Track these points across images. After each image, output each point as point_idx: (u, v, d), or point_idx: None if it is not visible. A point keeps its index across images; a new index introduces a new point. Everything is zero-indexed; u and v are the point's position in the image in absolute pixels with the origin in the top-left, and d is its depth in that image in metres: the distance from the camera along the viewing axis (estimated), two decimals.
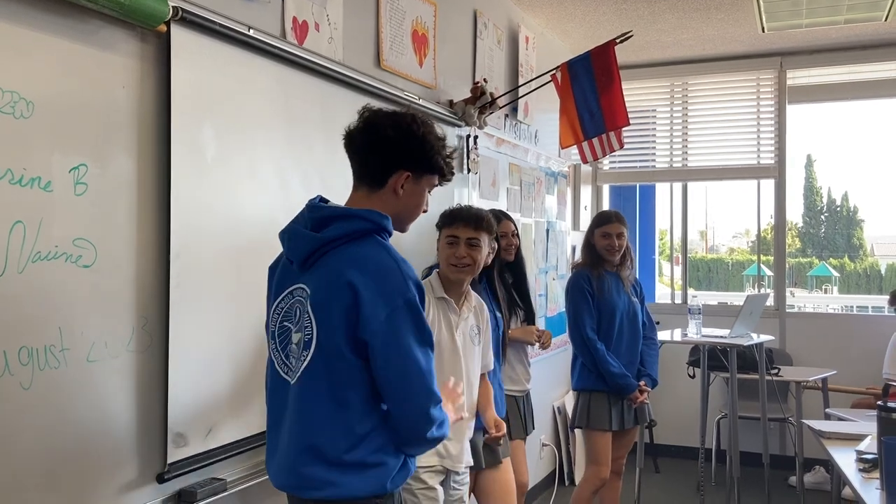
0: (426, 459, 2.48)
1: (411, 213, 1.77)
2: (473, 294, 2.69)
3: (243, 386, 2.22)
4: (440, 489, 2.53)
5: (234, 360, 2.18)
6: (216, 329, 2.12)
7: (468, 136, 3.67)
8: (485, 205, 3.80)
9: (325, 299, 1.60)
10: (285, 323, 1.68)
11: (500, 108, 3.84)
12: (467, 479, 2.67)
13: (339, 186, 2.65)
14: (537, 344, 3.46)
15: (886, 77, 5.49)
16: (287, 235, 1.74)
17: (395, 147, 1.69)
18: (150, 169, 1.93)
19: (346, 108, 2.71)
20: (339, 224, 1.65)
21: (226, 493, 2.12)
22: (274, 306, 1.73)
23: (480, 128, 3.69)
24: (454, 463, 2.55)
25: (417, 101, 3.15)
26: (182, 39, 1.99)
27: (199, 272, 2.05)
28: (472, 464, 2.66)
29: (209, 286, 2.09)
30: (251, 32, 2.21)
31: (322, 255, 1.64)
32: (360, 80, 2.75)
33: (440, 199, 3.35)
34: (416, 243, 2.85)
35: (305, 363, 1.62)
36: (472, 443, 2.85)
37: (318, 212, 1.69)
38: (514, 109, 4.35)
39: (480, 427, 2.88)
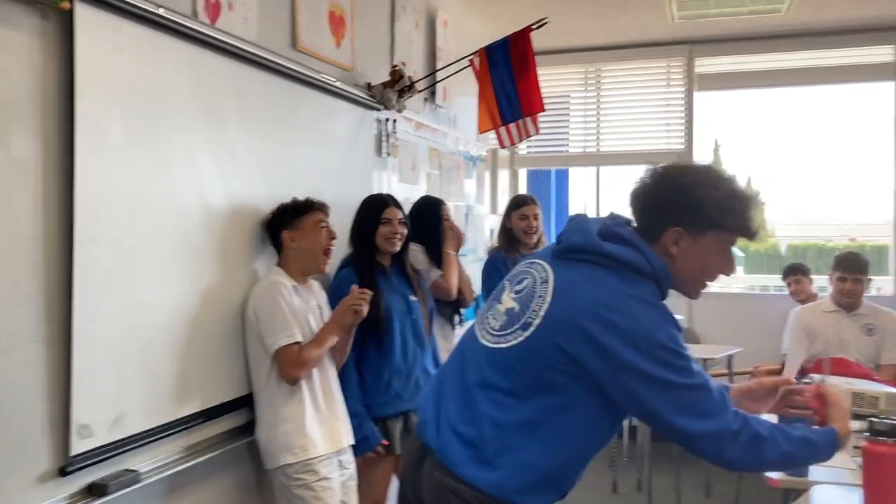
0: (317, 448, 2.49)
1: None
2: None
3: (154, 374, 2.16)
4: (335, 476, 2.54)
5: (144, 348, 2.13)
6: (124, 316, 2.06)
7: (387, 120, 3.66)
8: (405, 189, 3.81)
9: None
10: None
11: (419, 91, 3.83)
12: (352, 457, 2.69)
13: (251, 170, 2.62)
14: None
15: (786, 67, 5.73)
16: None
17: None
18: (54, 153, 1.85)
19: (261, 90, 2.67)
20: None
21: (139, 485, 2.07)
22: None
23: (399, 111, 3.67)
24: (336, 444, 2.57)
25: (334, 84, 3.11)
26: (87, 17, 1.91)
27: (106, 258, 1.98)
28: (353, 442, 2.67)
29: (117, 272, 2.03)
30: (161, 11, 2.14)
31: None
32: (275, 62, 2.69)
33: (357, 181, 3.34)
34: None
35: None
36: (390, 427, 2.86)
37: None
38: (433, 93, 4.35)
39: (399, 413, 2.89)
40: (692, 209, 1.60)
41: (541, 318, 1.59)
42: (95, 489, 1.95)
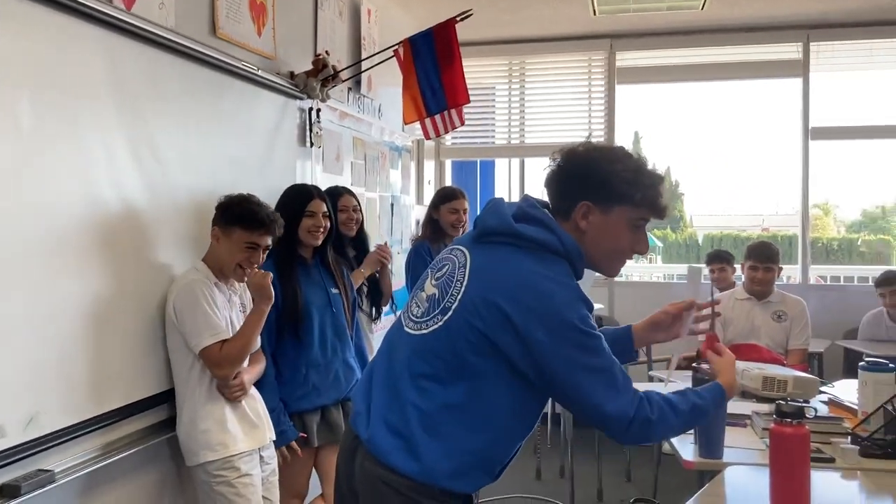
0: (238, 445, 2.46)
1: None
2: None
3: (71, 372, 2.10)
4: (256, 472, 2.51)
5: (60, 345, 2.06)
6: (39, 312, 1.99)
7: (310, 109, 3.62)
8: (329, 179, 3.77)
9: None
10: None
11: (343, 81, 3.80)
12: (273, 451, 2.67)
13: (171, 159, 2.55)
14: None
15: (702, 62, 5.93)
16: None
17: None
18: None
19: (179, 78, 2.61)
20: None
21: (54, 485, 2.00)
22: None
23: (323, 101, 3.64)
24: (257, 441, 2.55)
25: (256, 72, 3.06)
26: None
27: (17, 252, 1.91)
28: (275, 437, 2.65)
29: (30, 267, 1.95)
30: None
31: None
32: (193, 49, 2.63)
33: (280, 171, 3.29)
34: None
35: None
36: (307, 421, 2.83)
37: None
38: (358, 83, 4.32)
39: (317, 407, 2.87)
40: (599, 183, 1.65)
41: (458, 301, 1.61)
42: (7, 490, 1.88)
